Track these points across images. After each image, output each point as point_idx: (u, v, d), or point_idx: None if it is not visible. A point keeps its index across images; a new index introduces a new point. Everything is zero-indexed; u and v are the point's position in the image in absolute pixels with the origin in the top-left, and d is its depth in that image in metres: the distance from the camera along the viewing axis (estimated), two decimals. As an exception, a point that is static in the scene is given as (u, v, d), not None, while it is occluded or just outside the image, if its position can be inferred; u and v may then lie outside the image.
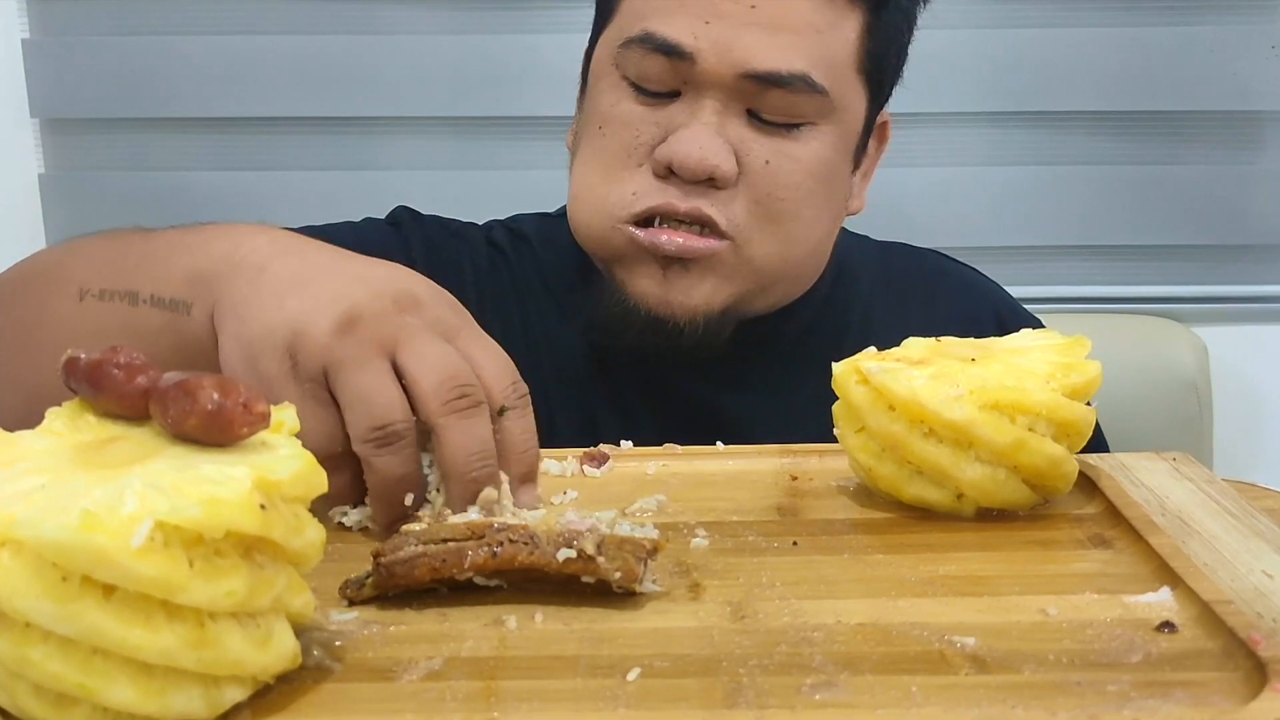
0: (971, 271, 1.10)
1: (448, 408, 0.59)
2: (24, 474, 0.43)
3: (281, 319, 0.61)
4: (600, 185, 0.88)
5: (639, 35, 0.85)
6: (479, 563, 0.52)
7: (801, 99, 0.85)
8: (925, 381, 0.61)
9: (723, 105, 0.84)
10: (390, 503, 0.60)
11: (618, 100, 0.87)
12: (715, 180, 0.84)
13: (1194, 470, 0.68)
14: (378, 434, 0.59)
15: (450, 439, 0.59)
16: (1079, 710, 0.43)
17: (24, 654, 0.40)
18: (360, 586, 0.53)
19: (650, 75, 0.85)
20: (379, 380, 0.59)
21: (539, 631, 0.50)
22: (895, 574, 0.56)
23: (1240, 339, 1.63)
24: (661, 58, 0.84)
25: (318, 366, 0.59)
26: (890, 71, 0.93)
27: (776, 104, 0.85)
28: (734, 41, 0.83)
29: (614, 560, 0.52)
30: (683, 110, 0.85)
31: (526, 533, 0.52)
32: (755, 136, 0.85)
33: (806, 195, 0.87)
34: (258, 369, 0.60)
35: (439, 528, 0.54)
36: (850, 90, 0.88)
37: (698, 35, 0.83)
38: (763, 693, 0.45)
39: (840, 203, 0.93)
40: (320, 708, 0.45)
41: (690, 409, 0.94)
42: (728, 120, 0.85)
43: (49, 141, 1.62)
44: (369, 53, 1.57)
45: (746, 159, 0.85)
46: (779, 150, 0.86)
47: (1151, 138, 1.60)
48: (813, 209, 0.89)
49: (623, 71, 0.87)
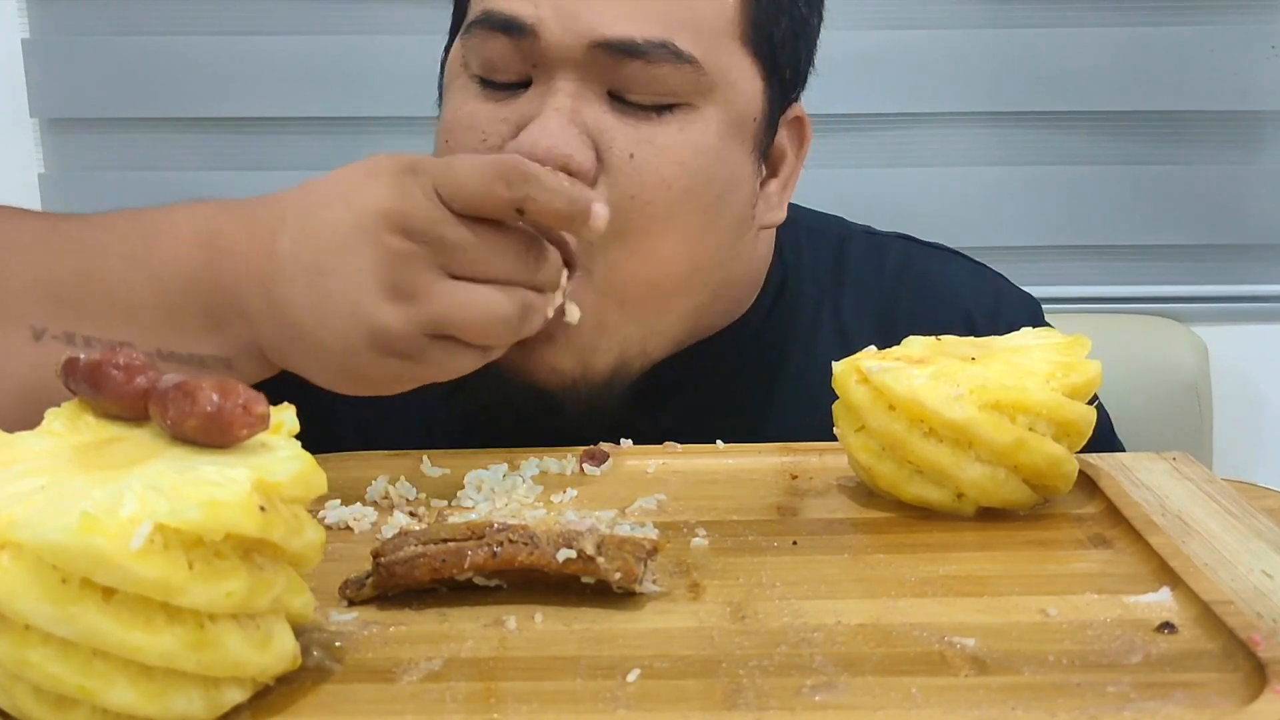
0: (947, 263, 0.97)
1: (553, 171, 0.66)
2: (23, 475, 0.43)
3: (356, 213, 0.63)
4: None
5: (478, 16, 0.75)
6: (479, 563, 0.52)
7: (666, 70, 0.72)
8: (925, 381, 0.61)
9: (577, 87, 0.72)
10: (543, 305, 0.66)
11: (463, 101, 0.76)
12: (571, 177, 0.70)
13: (1194, 470, 0.68)
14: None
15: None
16: (1079, 711, 0.43)
17: (24, 656, 0.40)
18: (360, 586, 0.53)
19: (495, 61, 0.74)
20: (467, 233, 0.63)
21: (539, 632, 0.50)
22: (895, 574, 0.56)
23: (1240, 339, 1.63)
24: (503, 37, 0.73)
25: (434, 232, 0.62)
26: (788, 48, 0.79)
27: (638, 79, 0.72)
28: (578, 7, 0.72)
29: (614, 560, 0.52)
30: (534, 99, 0.73)
31: (526, 533, 0.52)
32: (618, 124, 0.73)
33: (681, 195, 0.74)
34: (386, 253, 0.62)
35: (439, 528, 0.54)
36: (733, 64, 0.75)
37: (538, 4, 0.72)
38: (763, 694, 0.45)
39: (740, 209, 0.79)
40: (320, 709, 0.45)
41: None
42: (584, 105, 0.72)
43: (49, 141, 1.61)
44: (369, 53, 1.57)
45: (608, 153, 0.72)
46: (646, 139, 0.73)
47: (1151, 138, 1.60)
48: (690, 215, 0.75)
49: (470, 70, 0.76)
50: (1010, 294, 0.97)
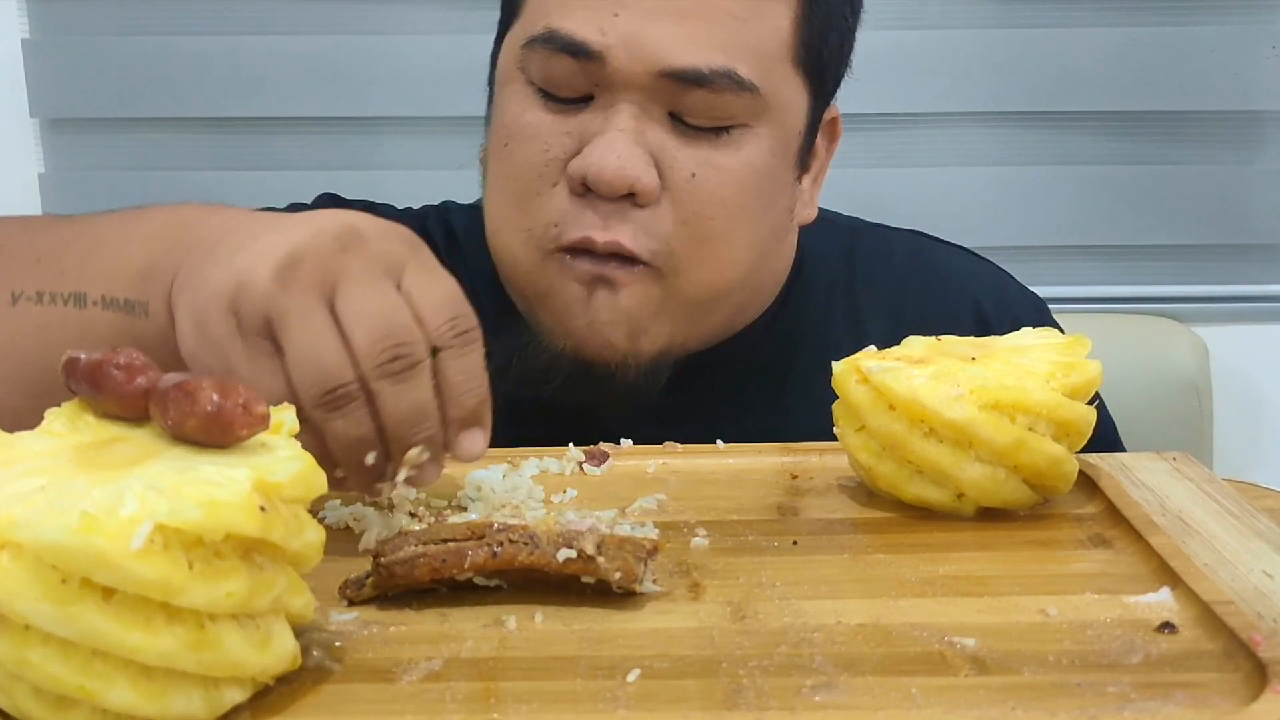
0: (955, 256, 1.00)
1: (380, 371, 0.56)
2: (23, 475, 0.43)
3: (227, 275, 0.57)
4: (516, 212, 0.79)
5: (541, 34, 0.76)
6: (479, 563, 0.52)
7: (728, 98, 0.76)
8: (925, 381, 0.61)
9: (640, 109, 0.76)
10: (356, 464, 0.57)
11: (524, 109, 0.78)
12: (636, 196, 0.75)
13: (1194, 470, 0.68)
14: (328, 398, 0.55)
15: (383, 405, 0.56)
16: (1079, 711, 0.43)
17: (24, 656, 0.40)
18: (360, 586, 0.53)
19: (558, 79, 0.76)
20: (323, 338, 0.55)
21: (539, 632, 0.50)
22: (895, 574, 0.56)
23: (1240, 339, 1.63)
24: (568, 58, 0.75)
25: (261, 317, 0.56)
26: (834, 61, 0.83)
27: (700, 105, 0.76)
28: (646, 35, 0.74)
29: (614, 560, 0.52)
30: (596, 117, 0.76)
31: (526, 533, 0.52)
32: (679, 144, 0.77)
33: (738, 211, 0.78)
34: (207, 336, 0.56)
35: (439, 528, 0.54)
36: (786, 86, 0.79)
37: (605, 30, 0.74)
38: (763, 694, 0.45)
39: (781, 214, 0.84)
40: (320, 709, 0.45)
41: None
42: (647, 125, 0.76)
43: (49, 141, 1.61)
44: (369, 53, 1.57)
45: (670, 171, 0.76)
46: (706, 160, 0.77)
47: (1152, 138, 1.60)
48: (747, 228, 0.80)
49: (528, 76, 0.78)
50: (1017, 289, 0.99)
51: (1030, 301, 0.99)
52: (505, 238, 0.81)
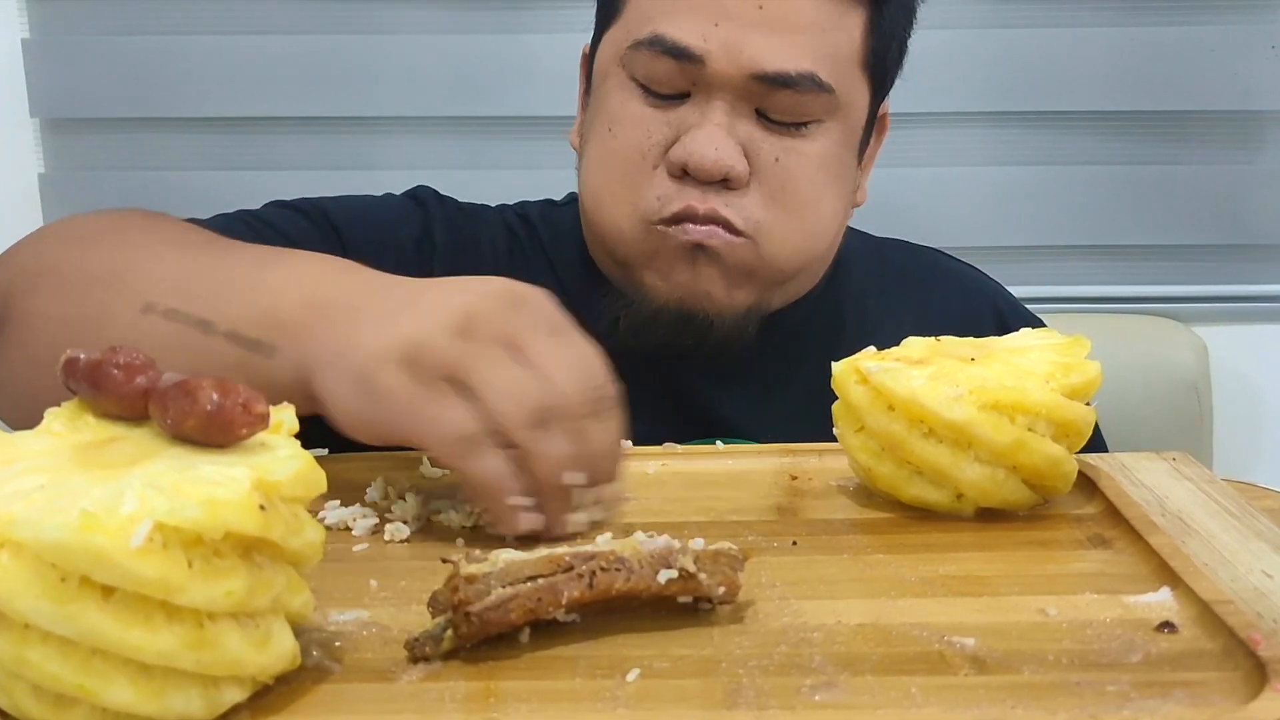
0: (970, 269, 1.10)
1: (586, 407, 0.60)
2: (23, 474, 0.43)
3: (395, 336, 0.60)
4: (621, 189, 0.88)
5: (648, 38, 0.85)
6: (576, 596, 0.48)
7: (809, 98, 0.85)
8: (925, 381, 0.61)
9: (731, 106, 0.85)
10: (555, 489, 0.60)
11: (626, 100, 0.88)
12: (729, 181, 0.85)
13: (1194, 470, 0.68)
14: (538, 415, 0.59)
15: (590, 438, 0.60)
16: (1079, 710, 0.43)
17: (23, 655, 0.40)
18: (438, 642, 0.48)
19: (660, 77, 0.86)
20: (524, 372, 0.59)
21: (538, 631, 0.50)
22: (895, 574, 0.56)
23: (1240, 339, 1.63)
24: (671, 60, 0.85)
25: (443, 370, 0.59)
26: (892, 66, 0.93)
27: (784, 104, 0.85)
28: (743, 43, 0.84)
29: (714, 575, 0.51)
30: (693, 111, 0.86)
31: (616, 558, 0.50)
32: (764, 136, 0.86)
33: (818, 189, 0.88)
34: (376, 389, 0.59)
35: (519, 564, 0.49)
36: (855, 86, 0.89)
37: (707, 37, 0.84)
38: (762, 693, 0.45)
39: (849, 196, 0.94)
40: (319, 708, 0.45)
41: (684, 405, 0.94)
42: (737, 120, 0.85)
43: (49, 141, 1.61)
44: (369, 53, 1.57)
45: (757, 158, 0.86)
46: (788, 148, 0.87)
47: (1151, 138, 1.60)
48: (826, 201, 0.90)
49: (630, 72, 0.87)
50: (1017, 301, 1.09)
51: (1028, 313, 1.07)
52: (609, 210, 0.89)
